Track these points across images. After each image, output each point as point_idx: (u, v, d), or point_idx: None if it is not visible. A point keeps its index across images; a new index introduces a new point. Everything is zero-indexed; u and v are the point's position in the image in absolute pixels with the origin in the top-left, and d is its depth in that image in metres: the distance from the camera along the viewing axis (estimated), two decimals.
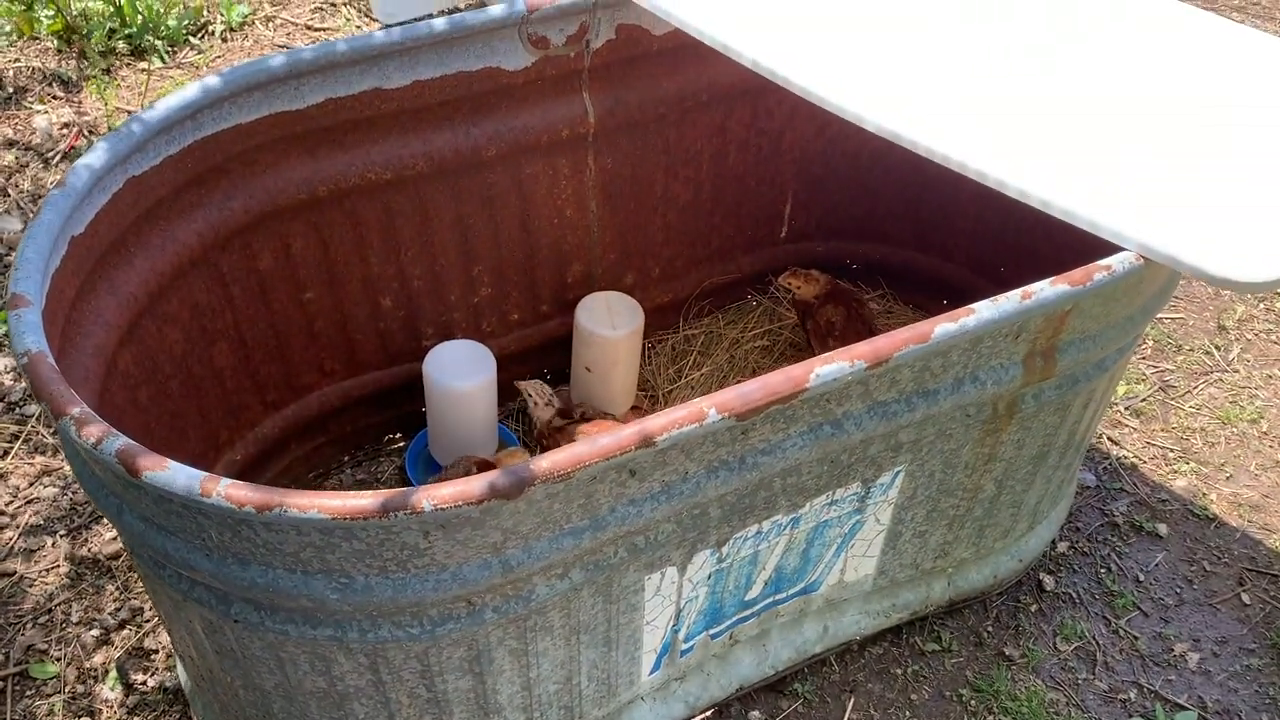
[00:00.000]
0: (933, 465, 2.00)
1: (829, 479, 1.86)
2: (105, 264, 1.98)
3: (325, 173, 2.30)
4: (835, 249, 3.10)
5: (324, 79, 2.18)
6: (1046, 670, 2.45)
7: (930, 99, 1.99)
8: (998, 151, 1.85)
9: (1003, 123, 1.94)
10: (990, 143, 1.87)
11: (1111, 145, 1.91)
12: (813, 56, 2.07)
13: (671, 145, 2.67)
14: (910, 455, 1.93)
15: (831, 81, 2.00)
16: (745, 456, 1.67)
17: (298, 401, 2.61)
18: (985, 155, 1.83)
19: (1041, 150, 1.88)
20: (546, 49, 2.36)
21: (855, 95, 1.95)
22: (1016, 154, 1.85)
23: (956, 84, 2.05)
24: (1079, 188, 1.78)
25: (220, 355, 2.36)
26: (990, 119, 1.95)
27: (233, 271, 2.29)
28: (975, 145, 1.85)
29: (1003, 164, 1.82)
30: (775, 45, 2.10)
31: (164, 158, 2.04)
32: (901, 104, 1.95)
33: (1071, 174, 1.82)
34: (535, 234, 2.64)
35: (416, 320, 2.64)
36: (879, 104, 1.93)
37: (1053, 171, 1.82)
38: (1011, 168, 1.82)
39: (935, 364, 1.74)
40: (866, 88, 1.98)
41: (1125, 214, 1.74)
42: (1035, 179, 1.79)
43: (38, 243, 1.72)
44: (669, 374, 2.98)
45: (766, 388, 1.54)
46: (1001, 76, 2.08)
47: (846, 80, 1.99)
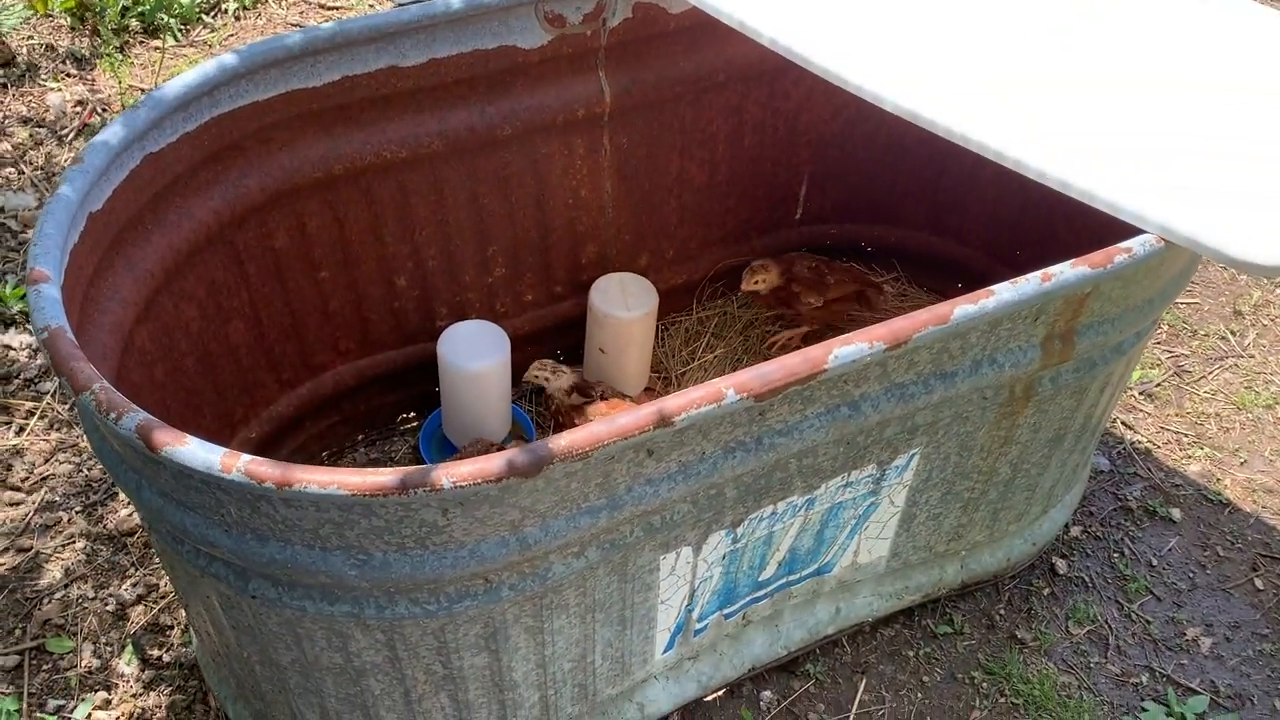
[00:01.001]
0: (948, 448, 1.99)
1: (845, 461, 1.86)
2: (123, 240, 1.98)
3: (341, 151, 2.30)
4: (850, 231, 3.09)
5: (340, 56, 2.17)
6: (1058, 653, 2.45)
7: (949, 78, 1.98)
8: (1017, 131, 1.83)
9: (1022, 102, 1.92)
10: (1009, 122, 1.85)
11: (1132, 126, 1.89)
12: (830, 34, 2.06)
13: (687, 126, 2.66)
14: (926, 438, 1.93)
15: (849, 60, 1.98)
16: (762, 437, 1.67)
17: (312, 380, 2.61)
18: (1004, 135, 1.82)
19: (1061, 130, 1.87)
20: (563, 27, 2.35)
21: (873, 74, 1.93)
22: (1035, 134, 1.83)
23: (975, 62, 2.03)
24: (1099, 168, 1.77)
25: (236, 333, 2.36)
26: (1009, 98, 1.93)
27: (248, 249, 2.29)
28: (994, 125, 1.84)
29: (1022, 144, 1.80)
30: (793, 23, 2.08)
31: (181, 135, 2.03)
32: (920, 83, 1.93)
33: (1091, 155, 1.81)
34: (550, 214, 2.63)
35: (431, 300, 2.64)
36: (897, 83, 1.91)
37: (1072, 152, 1.81)
38: (1030, 148, 1.80)
39: (954, 346, 1.74)
40: (884, 66, 1.96)
41: (1146, 195, 1.72)
42: (1054, 159, 1.78)
43: (56, 218, 1.73)
44: (682, 355, 2.98)
45: (785, 369, 1.54)
46: (1021, 55, 2.06)
47: (864, 59, 1.97)
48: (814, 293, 2.76)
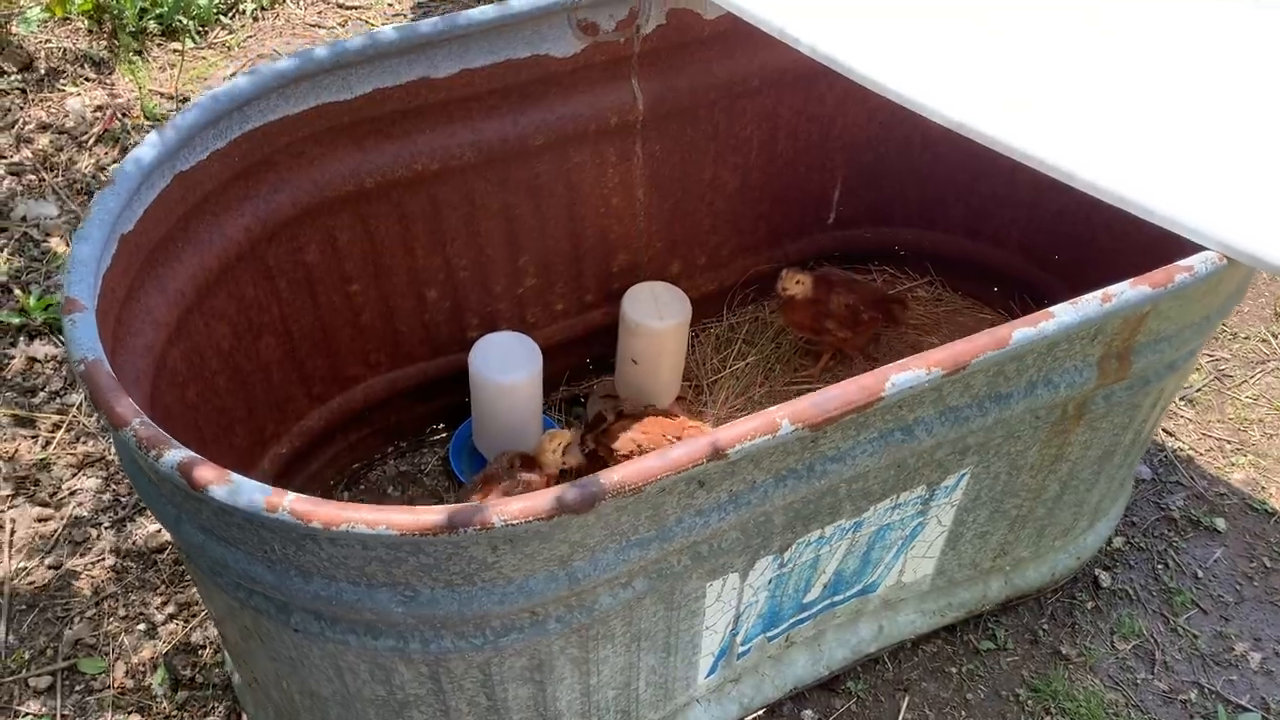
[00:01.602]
0: (998, 467, 1.95)
1: (895, 483, 1.82)
2: (154, 261, 1.94)
3: (372, 164, 2.25)
4: (883, 235, 3.04)
5: (371, 69, 2.13)
6: (1104, 669, 2.41)
7: (996, 88, 1.92)
8: (1068, 143, 1.78)
9: (1071, 112, 1.87)
10: (1059, 133, 1.80)
11: (1185, 136, 1.84)
12: (872, 42, 2.00)
13: (720, 132, 2.61)
14: (977, 457, 1.88)
15: (894, 70, 1.93)
16: (814, 464, 1.63)
17: (343, 394, 2.58)
18: (1054, 146, 1.76)
19: (1112, 141, 1.81)
20: (595, 35, 2.30)
21: (921, 85, 1.88)
22: (1086, 145, 1.78)
23: (1021, 71, 1.97)
24: (1153, 181, 1.71)
25: (267, 349, 2.33)
26: (1058, 108, 1.87)
27: (279, 265, 2.25)
28: (1043, 136, 1.78)
29: (1073, 156, 1.75)
30: (834, 31, 2.03)
31: (211, 152, 1.99)
32: (967, 94, 1.88)
33: (1144, 166, 1.75)
34: (581, 224, 2.59)
35: (462, 311, 2.61)
36: (945, 94, 1.86)
37: (1125, 164, 1.75)
38: (1082, 160, 1.75)
39: (1010, 368, 1.69)
40: (930, 76, 1.91)
41: (1204, 209, 1.67)
42: (1107, 172, 1.72)
43: (90, 243, 1.69)
44: (713, 363, 2.94)
45: (842, 397, 1.50)
46: (1067, 63, 2.00)
47: (909, 68, 1.92)
48: (847, 329, 2.72)
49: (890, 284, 3.09)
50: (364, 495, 2.71)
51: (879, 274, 3.10)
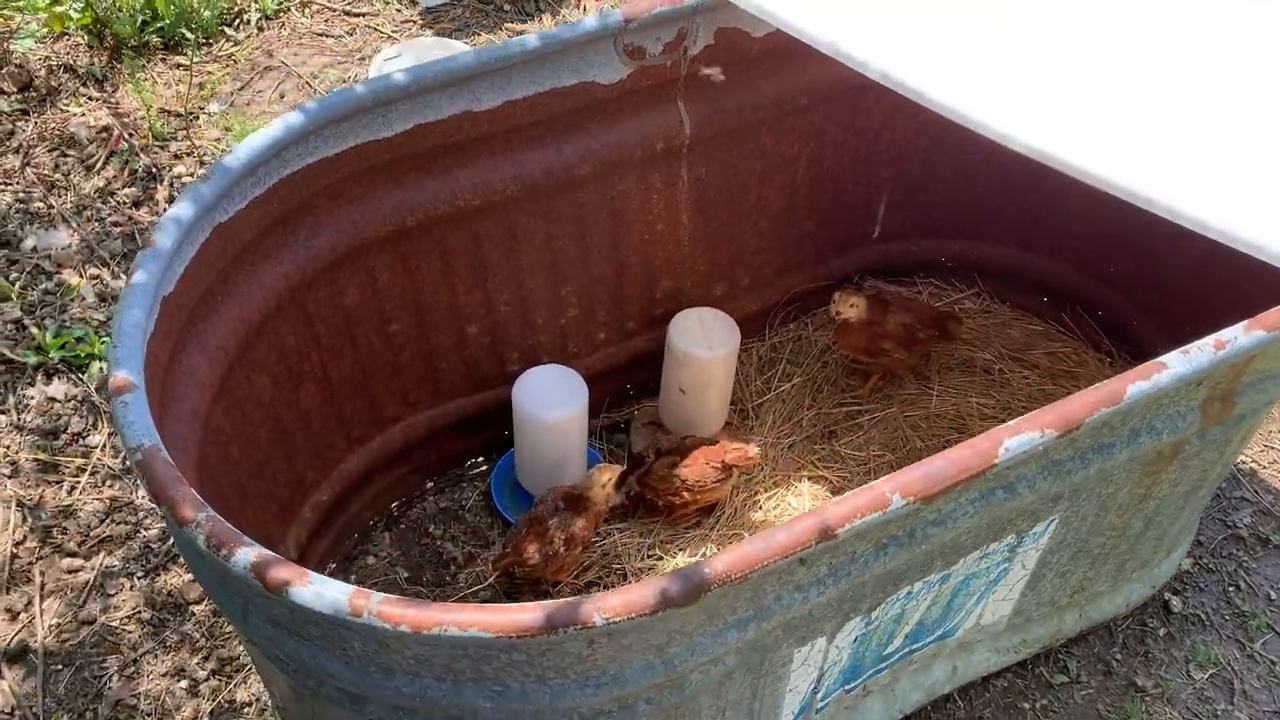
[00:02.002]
0: (1087, 510, 1.86)
1: (987, 536, 1.73)
2: (195, 319, 1.84)
3: (413, 202, 2.15)
4: (930, 247, 2.94)
5: (412, 105, 2.02)
6: (1182, 701, 2.33)
7: (1052, 103, 1.83)
8: (1124, 158, 1.68)
9: (1151, 132, 1.78)
10: (1115, 148, 1.70)
11: (1239, 147, 1.74)
12: (929, 58, 1.90)
13: (767, 151, 2.51)
14: (1068, 503, 1.80)
15: (954, 87, 1.83)
16: (915, 529, 1.54)
17: (382, 435, 2.48)
18: (1111, 162, 1.67)
19: (1194, 162, 1.72)
20: (642, 59, 2.19)
21: (980, 102, 1.78)
22: (1139, 159, 1.68)
23: (1074, 85, 1.88)
24: (1209, 194, 1.62)
25: (307, 397, 2.23)
26: (1113, 123, 1.78)
27: (319, 310, 2.15)
28: (1100, 152, 1.68)
29: (1129, 171, 1.66)
30: (891, 48, 1.93)
31: (250, 200, 1.89)
32: (1025, 110, 1.79)
33: (1224, 187, 1.66)
34: (625, 251, 2.49)
35: (502, 346, 2.51)
36: (1003, 111, 1.77)
37: (1206, 185, 1.66)
38: (1164, 185, 1.65)
39: (1116, 420, 1.60)
40: (987, 92, 1.81)
41: (1265, 224, 1.57)
42: (1189, 196, 1.63)
43: (134, 314, 1.59)
44: (757, 385, 2.84)
45: (953, 466, 1.41)
46: (1116, 77, 1.90)
47: (968, 84, 1.82)
48: (904, 349, 2.62)
49: (936, 296, 2.99)
50: (405, 534, 2.62)
51: (925, 287, 3.00)
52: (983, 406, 2.73)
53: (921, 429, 2.71)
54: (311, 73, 3.86)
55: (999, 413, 2.71)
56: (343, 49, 3.97)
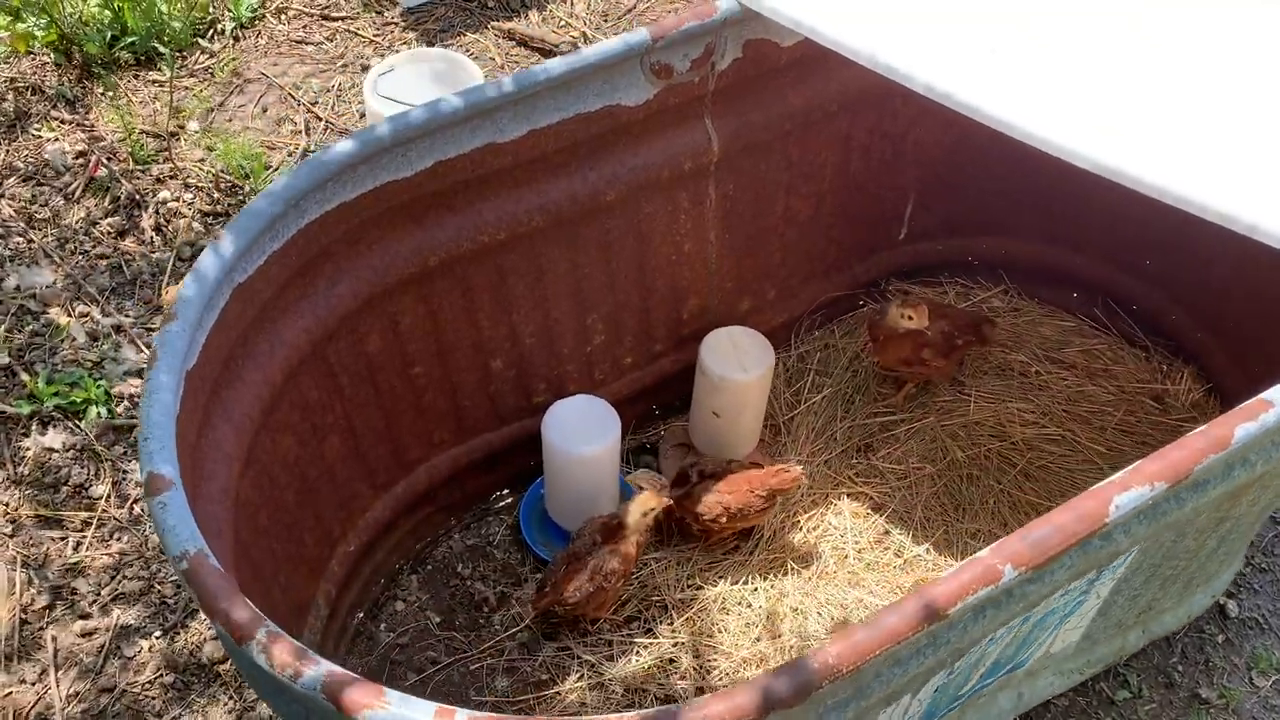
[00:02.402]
0: (1166, 538, 1.79)
1: (1074, 577, 1.65)
2: (219, 389, 1.72)
3: (434, 240, 2.03)
4: (956, 246, 2.85)
5: (433, 141, 1.90)
6: (1248, 711, 2.28)
7: (1085, 107, 1.77)
8: (1156, 158, 1.65)
9: (1177, 131, 1.72)
10: (1148, 149, 1.67)
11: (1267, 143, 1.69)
12: (977, 71, 1.83)
13: (794, 161, 2.40)
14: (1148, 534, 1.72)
15: (1010, 102, 1.76)
16: (1013, 589, 1.46)
17: (407, 478, 2.37)
18: (1143, 163, 1.65)
19: (1216, 158, 1.67)
20: (670, 78, 2.07)
21: (1013, 106, 1.74)
22: (1196, 165, 1.63)
23: (1120, 92, 1.82)
24: (1257, 195, 1.56)
25: (331, 450, 2.12)
26: (1164, 129, 1.73)
27: (340, 361, 2.04)
28: (1134, 154, 1.67)
29: (1161, 171, 1.62)
30: (941, 61, 1.84)
31: (268, 255, 1.77)
32: (1058, 113, 1.73)
33: (1246, 180, 1.60)
34: (652, 274, 2.38)
35: (528, 378, 2.40)
36: (1036, 115, 1.72)
37: (1230, 179, 1.61)
38: (1193, 183, 1.61)
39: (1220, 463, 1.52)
40: (1019, 96, 1.75)
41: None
42: (1214, 190, 1.58)
43: (162, 398, 1.47)
44: (787, 398, 2.75)
45: (1063, 533, 1.32)
46: (1162, 82, 1.84)
47: (998, 88, 1.77)
48: (942, 357, 2.54)
49: (963, 296, 2.91)
50: (433, 576, 2.52)
51: (950, 286, 2.92)
52: (1022, 412, 2.65)
53: (961, 438, 2.63)
54: (294, 83, 3.70)
55: (1039, 418, 2.64)
56: (324, 56, 3.81)
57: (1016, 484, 2.54)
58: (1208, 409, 2.63)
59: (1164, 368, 2.73)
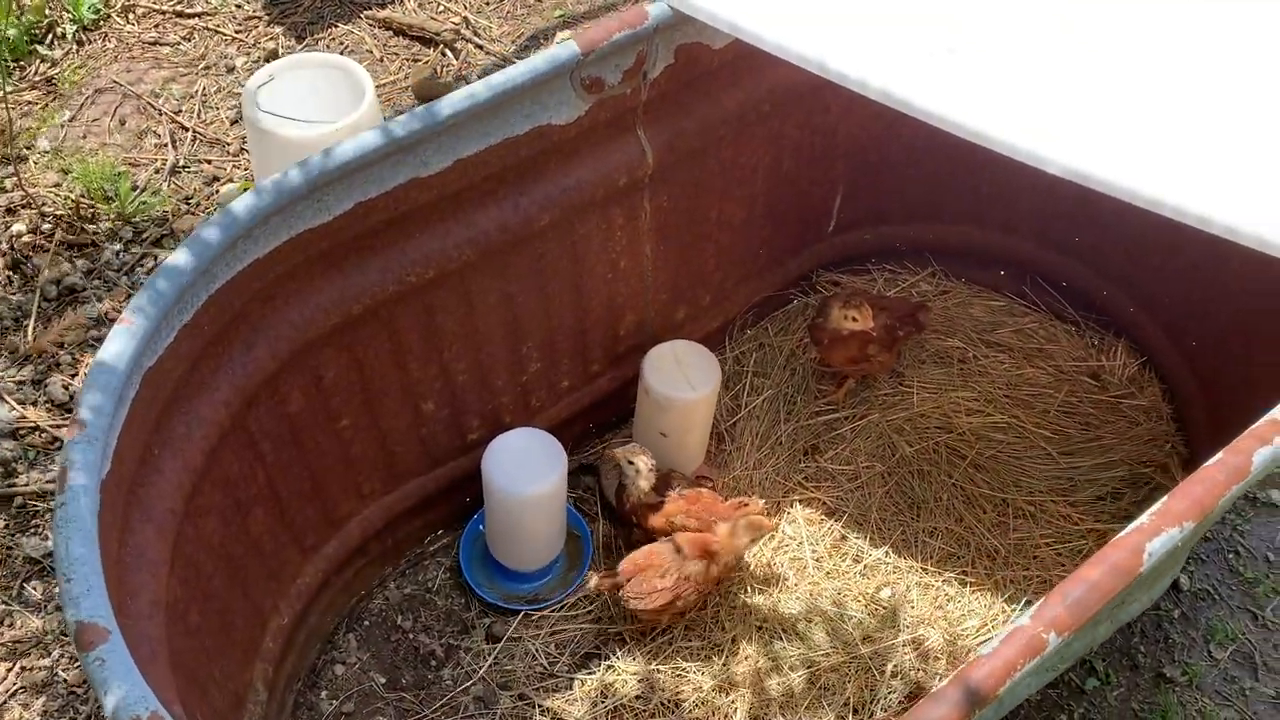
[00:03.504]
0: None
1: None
2: (135, 488, 1.52)
3: (357, 287, 1.84)
4: (884, 234, 2.78)
5: (352, 181, 1.70)
6: (1210, 685, 2.31)
7: (1015, 99, 1.73)
8: (1097, 152, 1.63)
9: (1130, 125, 1.69)
10: (1085, 143, 1.66)
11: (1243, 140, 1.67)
12: (926, 73, 1.75)
13: (727, 165, 2.27)
14: None
15: (957, 101, 1.70)
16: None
17: (337, 536, 2.19)
18: (1083, 157, 1.64)
19: (1154, 149, 1.64)
20: (600, 92, 1.91)
21: (1010, 126, 1.66)
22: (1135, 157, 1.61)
23: (1056, 89, 1.78)
24: (1188, 181, 1.55)
25: (256, 523, 1.92)
26: (1115, 123, 1.70)
27: (262, 428, 1.83)
28: (1072, 147, 1.66)
29: (1143, 176, 1.58)
30: (892, 64, 1.75)
31: (177, 331, 1.55)
32: (990, 107, 1.68)
33: (1183, 169, 1.59)
34: (587, 295, 2.23)
35: (461, 415, 2.23)
36: (970, 108, 1.67)
37: (1168, 168, 1.59)
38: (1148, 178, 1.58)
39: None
40: (960, 93, 1.70)
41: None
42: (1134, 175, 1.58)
43: (82, 529, 1.26)
44: (726, 403, 2.64)
45: (1100, 590, 1.25)
46: (1096, 79, 1.80)
47: (971, 97, 1.70)
48: (886, 351, 2.47)
49: (892, 282, 2.84)
50: (372, 632, 2.34)
51: (879, 273, 2.85)
52: (965, 401, 2.61)
53: (907, 432, 2.57)
54: (152, 90, 3.38)
55: (983, 405, 2.60)
56: (183, 58, 3.49)
57: (968, 477, 2.50)
58: (1144, 382, 2.64)
59: (1096, 342, 2.72)
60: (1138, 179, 1.59)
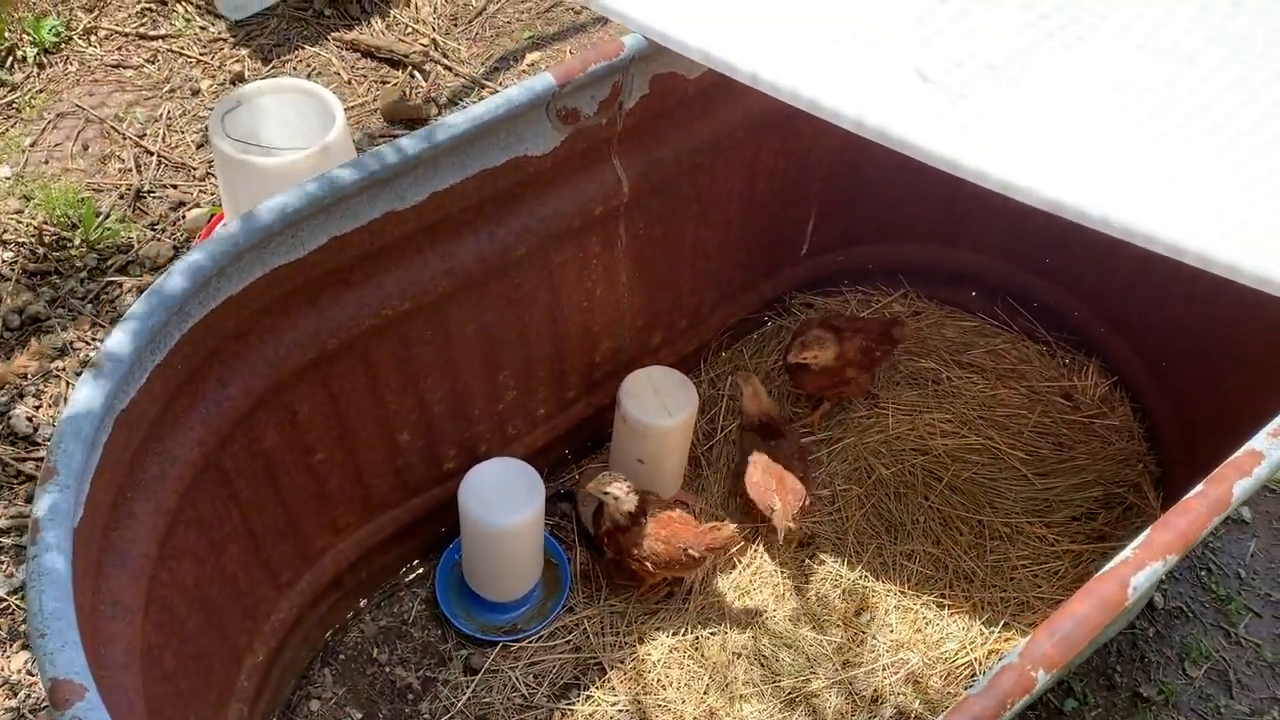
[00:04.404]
0: None
1: None
2: (108, 533, 1.48)
3: (332, 321, 1.82)
4: (856, 255, 2.79)
5: (327, 217, 1.68)
6: (1186, 704, 2.33)
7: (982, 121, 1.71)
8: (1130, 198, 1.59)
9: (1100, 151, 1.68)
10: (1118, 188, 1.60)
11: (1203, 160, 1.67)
12: (910, 98, 1.74)
13: (703, 192, 2.27)
14: None
15: (931, 130, 1.67)
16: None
17: (311, 570, 2.16)
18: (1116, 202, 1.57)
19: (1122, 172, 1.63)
20: (576, 122, 1.91)
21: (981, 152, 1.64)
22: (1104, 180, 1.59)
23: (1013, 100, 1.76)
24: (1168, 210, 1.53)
25: (231, 561, 1.88)
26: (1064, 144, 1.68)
27: (236, 465, 1.80)
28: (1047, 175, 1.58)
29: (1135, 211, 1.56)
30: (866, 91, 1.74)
31: (150, 371, 1.53)
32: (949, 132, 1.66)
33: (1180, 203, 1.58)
34: (563, 324, 2.22)
35: (437, 445, 2.21)
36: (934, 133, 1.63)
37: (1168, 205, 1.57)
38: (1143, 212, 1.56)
39: None
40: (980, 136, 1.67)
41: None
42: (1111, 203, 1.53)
43: (56, 581, 1.23)
44: (702, 426, 2.63)
45: (1087, 624, 1.26)
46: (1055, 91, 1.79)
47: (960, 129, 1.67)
48: (865, 372, 2.48)
49: (864, 303, 2.86)
50: (347, 666, 2.31)
51: (851, 294, 2.86)
52: (940, 422, 2.62)
53: (884, 455, 2.58)
54: (116, 114, 3.33)
55: (958, 427, 2.62)
56: (146, 81, 3.45)
57: (944, 499, 2.51)
58: (1115, 401, 2.67)
59: (1067, 362, 2.75)
60: (1110, 206, 1.58)
